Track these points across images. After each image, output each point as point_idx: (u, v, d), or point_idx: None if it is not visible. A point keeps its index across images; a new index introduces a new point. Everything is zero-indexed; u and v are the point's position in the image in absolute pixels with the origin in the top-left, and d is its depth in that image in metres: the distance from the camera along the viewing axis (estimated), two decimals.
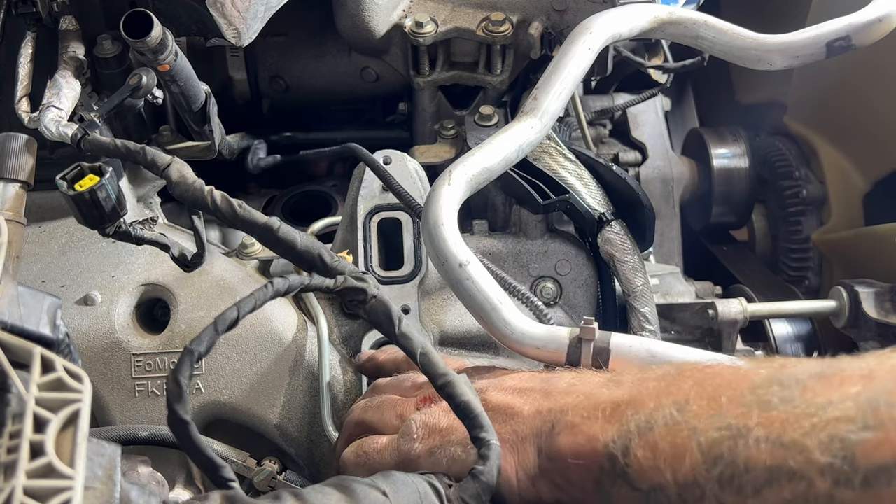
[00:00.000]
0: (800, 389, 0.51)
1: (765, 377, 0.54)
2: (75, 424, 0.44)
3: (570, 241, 1.00)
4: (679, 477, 0.53)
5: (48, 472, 0.42)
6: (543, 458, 0.61)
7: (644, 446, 0.55)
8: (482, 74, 1.15)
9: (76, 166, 0.70)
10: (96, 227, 0.74)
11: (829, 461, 0.47)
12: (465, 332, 0.94)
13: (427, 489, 0.57)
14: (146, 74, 0.87)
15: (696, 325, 1.05)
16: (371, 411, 0.76)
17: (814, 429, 0.48)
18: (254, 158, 1.15)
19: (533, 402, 0.65)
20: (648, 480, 0.54)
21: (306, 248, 0.69)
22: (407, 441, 0.68)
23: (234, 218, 0.70)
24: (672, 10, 0.99)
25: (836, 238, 1.32)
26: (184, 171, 0.72)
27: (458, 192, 0.80)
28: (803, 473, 0.48)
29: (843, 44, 0.92)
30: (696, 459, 0.52)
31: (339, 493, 0.54)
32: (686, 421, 0.54)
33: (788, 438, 0.49)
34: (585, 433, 0.59)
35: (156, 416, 0.88)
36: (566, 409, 0.61)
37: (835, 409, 0.48)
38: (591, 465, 0.58)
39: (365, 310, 0.66)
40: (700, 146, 1.42)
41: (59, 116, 0.85)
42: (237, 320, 0.57)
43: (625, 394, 0.60)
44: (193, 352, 0.55)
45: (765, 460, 0.49)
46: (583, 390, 0.63)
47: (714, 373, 0.57)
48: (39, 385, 0.45)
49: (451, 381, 0.61)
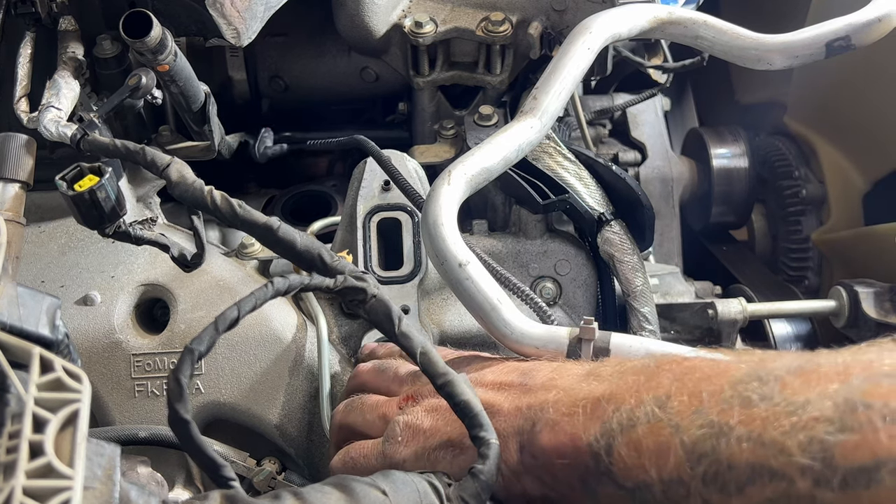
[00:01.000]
0: (779, 386, 0.51)
1: (744, 372, 0.54)
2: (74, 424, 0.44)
3: (570, 240, 1.00)
4: (664, 475, 0.53)
5: (47, 472, 0.42)
6: (527, 454, 0.61)
7: (627, 444, 0.55)
8: (482, 74, 1.15)
9: (76, 167, 0.70)
10: (96, 228, 0.74)
11: (809, 463, 0.47)
12: (464, 332, 0.94)
13: (427, 488, 0.57)
14: (145, 75, 0.87)
15: (696, 324, 1.05)
16: (353, 413, 0.76)
17: (793, 428, 0.48)
18: (260, 146, 1.14)
19: (512, 398, 0.65)
20: (633, 479, 0.55)
21: (306, 248, 0.69)
22: (392, 445, 0.68)
23: (234, 218, 0.70)
24: (671, 9, 0.99)
25: (836, 238, 1.32)
26: (183, 172, 0.72)
27: (458, 191, 0.80)
28: (784, 473, 0.48)
29: (843, 44, 0.92)
30: (679, 457, 0.52)
31: (338, 493, 0.54)
32: (668, 418, 0.54)
33: (769, 437, 0.49)
34: (567, 431, 0.59)
35: (155, 417, 0.88)
36: (546, 406, 0.61)
37: (813, 408, 0.48)
38: (575, 464, 0.58)
39: (365, 309, 0.66)
40: (700, 146, 1.42)
41: (59, 117, 0.85)
42: (238, 319, 0.57)
43: (605, 389, 0.59)
44: (194, 351, 0.54)
45: (747, 458, 0.49)
46: (562, 385, 0.63)
47: (693, 366, 0.57)
48: (38, 385, 0.45)
49: (450, 381, 0.61)
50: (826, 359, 0.52)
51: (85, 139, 0.78)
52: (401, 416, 0.70)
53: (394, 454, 0.67)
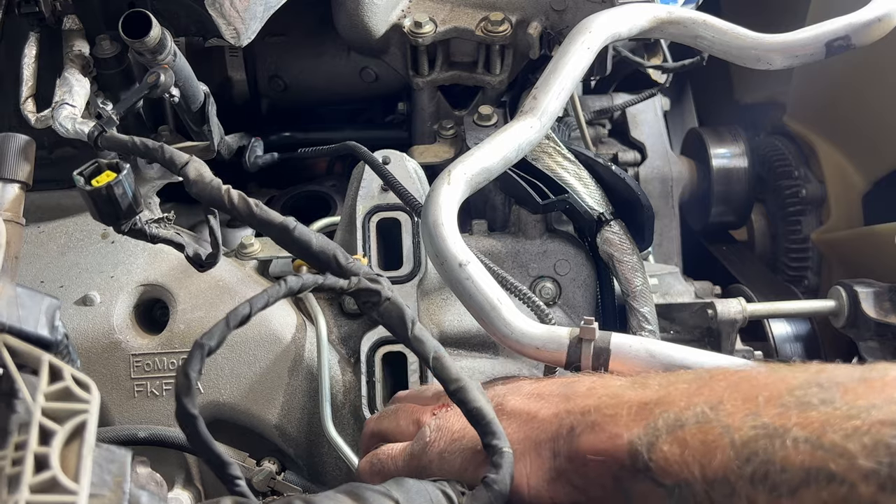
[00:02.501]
0: (840, 391, 0.50)
1: (803, 380, 0.52)
2: (82, 436, 0.44)
3: (570, 240, 1.00)
4: (708, 473, 0.51)
5: (52, 487, 0.42)
6: (561, 459, 0.60)
7: (672, 442, 0.53)
8: (481, 74, 1.14)
9: (93, 163, 0.70)
10: (112, 224, 0.73)
11: (874, 467, 0.46)
12: (464, 332, 0.94)
13: (440, 497, 0.57)
14: (164, 73, 0.87)
15: (696, 324, 1.05)
16: (387, 420, 0.75)
17: (856, 432, 0.47)
18: (251, 156, 1.14)
19: (551, 405, 0.64)
20: (673, 476, 0.53)
21: (321, 249, 0.68)
22: (420, 445, 0.67)
23: (251, 217, 0.70)
24: (671, 9, 0.99)
25: (836, 237, 1.32)
26: (201, 170, 0.71)
27: (458, 191, 0.80)
28: (845, 477, 0.47)
29: (843, 43, 0.92)
30: (727, 456, 0.51)
31: (350, 500, 0.53)
32: (719, 419, 0.52)
33: (829, 440, 0.48)
34: (608, 431, 0.57)
35: (155, 417, 0.88)
36: (588, 411, 0.60)
37: (878, 411, 0.47)
38: (609, 462, 0.57)
39: (378, 312, 0.65)
40: (699, 146, 1.42)
41: (74, 114, 0.85)
42: (249, 316, 0.56)
43: (652, 394, 0.58)
44: (204, 346, 0.54)
45: (802, 461, 0.48)
46: (606, 392, 0.62)
47: (749, 376, 0.56)
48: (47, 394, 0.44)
49: (463, 387, 0.61)
50: (892, 368, 0.51)
51: (103, 136, 0.77)
52: (434, 420, 0.69)
53: (421, 455, 0.66)
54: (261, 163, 1.15)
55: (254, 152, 1.14)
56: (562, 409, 0.63)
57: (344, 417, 0.89)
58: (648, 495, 0.55)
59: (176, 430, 0.85)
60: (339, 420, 0.88)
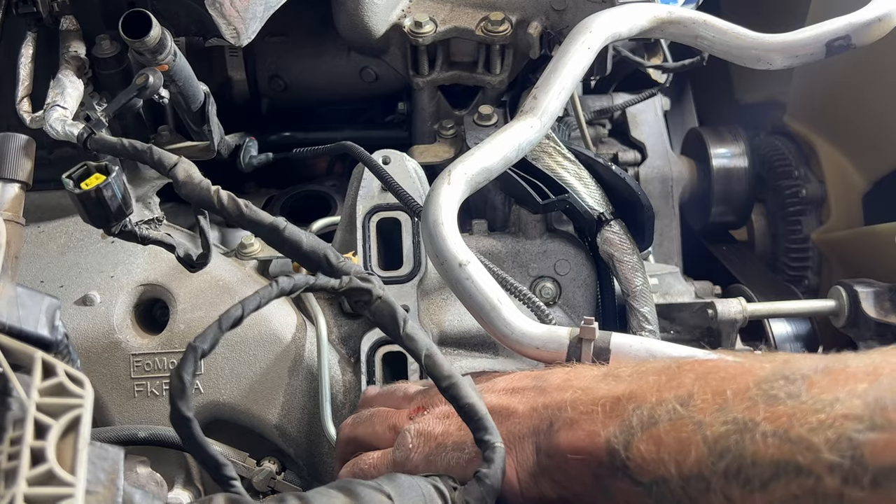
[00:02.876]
0: (806, 384, 0.51)
1: (769, 371, 0.53)
2: (76, 430, 0.44)
3: (570, 240, 1.00)
4: (684, 470, 0.52)
5: (49, 480, 0.42)
6: (543, 455, 0.61)
7: (647, 440, 0.54)
8: (481, 74, 1.15)
9: (82, 165, 0.70)
10: (102, 227, 0.73)
11: (838, 460, 0.47)
12: (464, 332, 0.94)
13: (432, 492, 0.57)
14: (153, 74, 0.87)
15: (696, 324, 1.05)
16: (362, 426, 0.74)
17: (821, 425, 0.48)
18: (245, 157, 1.14)
19: (527, 400, 0.64)
20: (650, 474, 0.54)
21: (312, 249, 0.69)
22: (403, 452, 0.67)
23: (241, 218, 0.70)
24: (671, 9, 0.99)
25: (836, 237, 1.32)
26: (190, 171, 0.71)
27: (458, 191, 0.80)
28: (811, 469, 0.48)
29: (843, 43, 0.92)
30: (701, 453, 0.52)
31: (343, 496, 0.53)
32: (690, 415, 0.53)
33: (795, 434, 0.49)
34: (585, 429, 0.58)
35: (155, 417, 0.88)
36: (564, 406, 0.61)
37: (842, 405, 0.48)
38: (588, 460, 0.57)
39: (370, 310, 0.65)
40: (699, 146, 1.42)
41: (65, 115, 0.85)
42: (241, 318, 0.57)
43: (624, 388, 0.59)
44: (197, 349, 0.54)
45: (772, 454, 0.49)
46: (579, 385, 0.63)
47: (716, 367, 0.57)
48: (40, 390, 0.44)
49: (455, 384, 0.61)
50: (853, 359, 0.52)
51: (92, 138, 0.78)
52: (412, 424, 0.68)
53: (405, 462, 0.66)
54: (255, 163, 1.15)
55: (248, 152, 1.14)
56: (539, 403, 0.63)
57: (344, 417, 0.89)
58: (628, 492, 0.56)
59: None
60: (339, 420, 0.88)
